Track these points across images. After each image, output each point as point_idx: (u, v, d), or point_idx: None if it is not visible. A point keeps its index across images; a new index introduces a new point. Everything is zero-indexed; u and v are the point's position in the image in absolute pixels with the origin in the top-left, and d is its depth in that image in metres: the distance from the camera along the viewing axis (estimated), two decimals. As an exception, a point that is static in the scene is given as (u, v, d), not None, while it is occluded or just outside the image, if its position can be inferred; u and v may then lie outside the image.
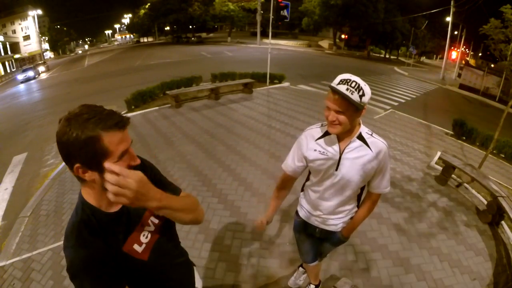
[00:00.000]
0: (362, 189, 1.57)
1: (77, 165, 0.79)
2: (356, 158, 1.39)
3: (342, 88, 1.22)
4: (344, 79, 1.24)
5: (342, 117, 1.28)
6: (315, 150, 1.46)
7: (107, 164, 0.75)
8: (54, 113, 9.28)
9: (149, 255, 0.98)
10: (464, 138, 6.55)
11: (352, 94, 1.22)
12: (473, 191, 4.12)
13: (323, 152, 1.44)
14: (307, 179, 1.68)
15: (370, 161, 1.39)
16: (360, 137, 1.39)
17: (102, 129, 0.77)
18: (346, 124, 1.30)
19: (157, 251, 1.00)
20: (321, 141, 1.46)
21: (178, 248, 1.20)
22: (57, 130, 0.78)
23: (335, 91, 1.24)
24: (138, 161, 0.89)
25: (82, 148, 0.76)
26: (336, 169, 1.43)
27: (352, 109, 1.26)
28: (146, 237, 0.98)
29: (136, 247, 0.94)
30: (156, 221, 1.02)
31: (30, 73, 22.73)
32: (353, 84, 1.23)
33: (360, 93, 1.24)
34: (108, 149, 0.79)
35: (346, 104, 1.24)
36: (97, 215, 0.88)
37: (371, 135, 1.41)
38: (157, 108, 7.49)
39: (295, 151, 1.57)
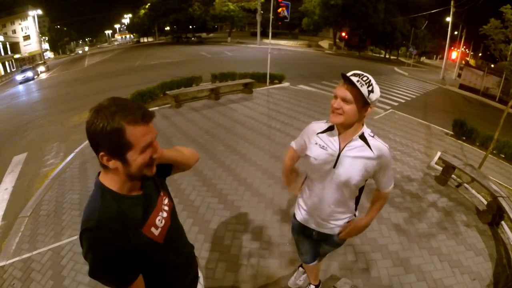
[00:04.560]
0: (361, 192, 1.56)
1: (102, 153, 0.86)
2: (356, 157, 1.39)
3: (354, 79, 1.26)
4: (357, 73, 1.29)
5: (347, 107, 1.29)
6: (316, 143, 1.48)
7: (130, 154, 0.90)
8: (54, 113, 9.29)
9: (164, 238, 1.05)
10: (464, 138, 6.55)
11: (361, 86, 1.25)
12: (473, 191, 4.12)
13: (323, 146, 1.45)
14: (306, 177, 1.68)
15: (369, 162, 1.38)
16: (362, 137, 1.39)
17: (126, 122, 0.83)
18: (349, 116, 1.31)
19: (170, 236, 1.08)
20: (323, 135, 1.48)
21: (185, 238, 1.29)
22: (86, 119, 0.85)
23: (346, 79, 1.28)
24: (159, 153, 0.95)
25: (107, 139, 0.83)
26: (334, 166, 1.43)
27: (358, 102, 1.28)
28: (161, 222, 1.05)
29: (153, 230, 1.01)
30: (167, 207, 1.10)
31: (29, 74, 22.37)
32: (364, 78, 1.27)
33: (370, 88, 1.27)
34: (131, 141, 0.85)
35: (354, 93, 1.27)
36: (118, 199, 0.93)
37: (373, 137, 1.41)
38: (157, 108, 7.48)
39: (302, 135, 1.62)
